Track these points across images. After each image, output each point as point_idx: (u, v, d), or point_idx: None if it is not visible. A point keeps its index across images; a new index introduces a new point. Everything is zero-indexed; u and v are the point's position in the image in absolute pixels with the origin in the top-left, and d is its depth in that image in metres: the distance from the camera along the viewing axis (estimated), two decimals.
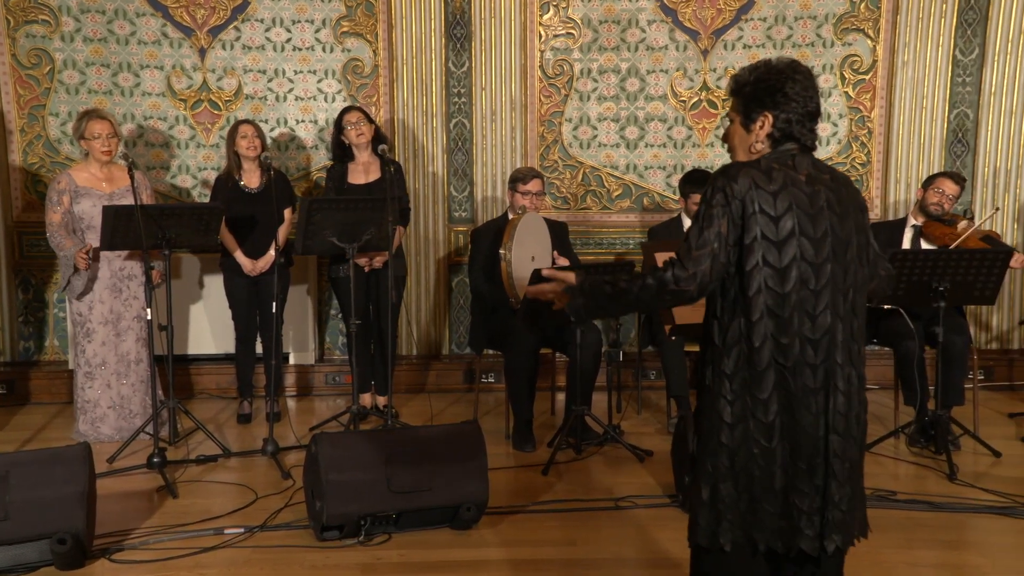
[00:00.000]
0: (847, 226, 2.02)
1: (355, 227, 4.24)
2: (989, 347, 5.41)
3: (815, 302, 1.98)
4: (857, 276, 2.04)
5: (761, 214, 1.95)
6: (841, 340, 1.99)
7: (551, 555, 3.21)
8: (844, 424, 2.00)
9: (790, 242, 1.96)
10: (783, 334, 1.97)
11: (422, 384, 5.49)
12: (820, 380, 1.98)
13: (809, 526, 2.00)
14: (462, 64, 5.46)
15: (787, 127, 2.03)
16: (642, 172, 5.53)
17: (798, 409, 1.98)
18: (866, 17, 5.29)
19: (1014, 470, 3.98)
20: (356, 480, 3.23)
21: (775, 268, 1.96)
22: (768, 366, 1.98)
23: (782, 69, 2.05)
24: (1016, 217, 5.31)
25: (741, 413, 2.00)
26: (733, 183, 1.96)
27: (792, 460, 1.99)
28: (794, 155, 2.04)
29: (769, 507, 2.01)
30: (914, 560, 3.12)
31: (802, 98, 2.03)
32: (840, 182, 2.06)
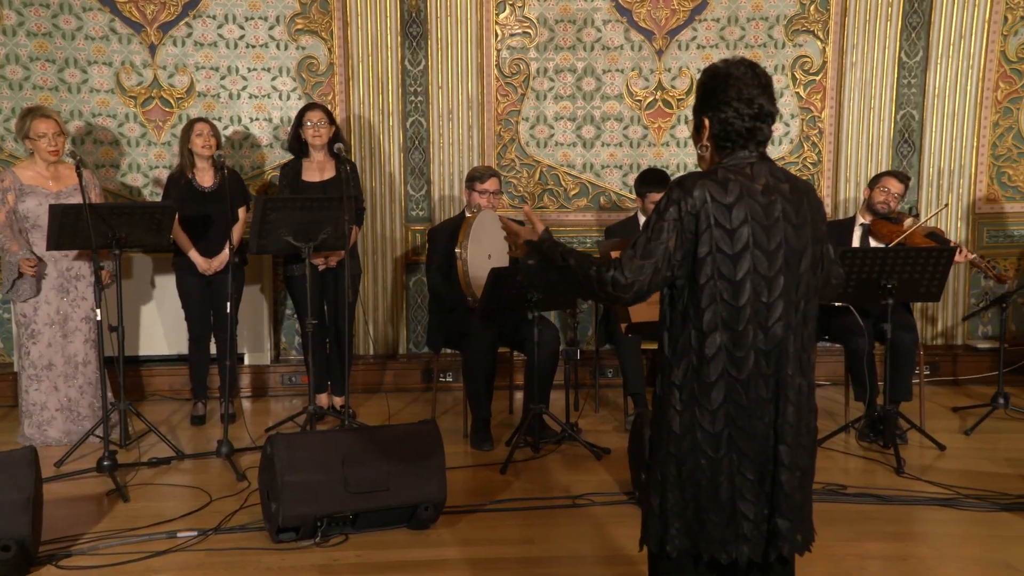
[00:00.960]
0: (803, 237, 2.01)
1: (311, 226, 4.21)
2: (935, 343, 5.54)
3: (767, 314, 1.98)
4: (810, 285, 2.04)
5: (716, 227, 1.94)
6: (792, 351, 2.00)
7: (509, 554, 3.21)
8: (793, 434, 2.01)
9: (744, 255, 1.95)
10: (737, 347, 1.97)
11: (379, 384, 5.47)
12: (771, 391, 1.99)
13: (756, 534, 2.01)
14: (418, 62, 5.44)
15: (726, 129, 2.01)
16: (599, 171, 5.56)
17: (749, 420, 1.99)
18: (816, 19, 5.38)
19: (957, 463, 4.08)
20: (312, 481, 3.20)
21: (729, 281, 1.96)
22: (719, 378, 1.98)
23: (720, 72, 2.03)
24: (960, 215, 5.45)
25: (689, 424, 2.01)
26: (689, 196, 1.95)
27: (739, 470, 2.00)
28: (752, 163, 2.02)
29: (714, 517, 2.01)
30: (863, 552, 3.19)
31: (737, 101, 1.99)
32: (800, 191, 2.05)
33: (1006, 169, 5.43)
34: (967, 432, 4.49)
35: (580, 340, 5.50)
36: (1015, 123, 5.40)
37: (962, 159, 5.41)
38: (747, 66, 2.02)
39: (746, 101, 1.99)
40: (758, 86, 2.01)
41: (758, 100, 2.00)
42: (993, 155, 5.43)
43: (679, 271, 1.98)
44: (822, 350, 5.13)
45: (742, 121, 1.99)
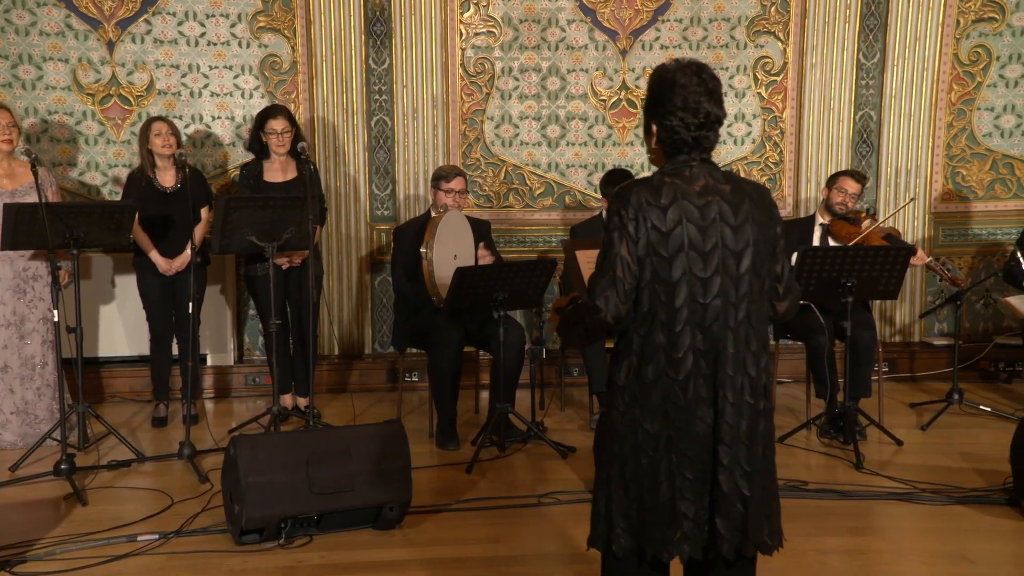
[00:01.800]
0: (742, 238, 2.01)
1: (274, 226, 4.18)
2: (893, 340, 5.64)
3: (704, 315, 1.99)
4: (752, 285, 2.03)
5: (653, 230, 1.97)
6: (732, 352, 2.00)
7: (474, 553, 3.21)
8: (732, 435, 2.01)
9: (679, 257, 1.97)
10: (674, 348, 1.99)
11: (344, 384, 5.44)
12: (710, 391, 2.00)
13: (696, 534, 2.02)
14: (383, 61, 5.42)
15: (672, 136, 2.02)
16: (564, 170, 5.58)
17: (688, 421, 2.00)
18: (776, 20, 5.45)
19: (914, 457, 4.16)
20: (276, 482, 3.18)
21: (666, 283, 1.98)
22: (657, 379, 2.00)
23: (667, 77, 2.02)
24: (916, 214, 5.55)
25: (631, 424, 2.03)
26: (626, 204, 1.98)
27: (679, 470, 2.01)
28: (691, 166, 2.03)
29: (655, 517, 2.03)
30: (823, 547, 3.23)
31: (683, 109, 1.99)
32: (744, 192, 2.04)
33: (960, 169, 5.54)
34: (923, 428, 4.57)
35: (546, 339, 5.51)
36: (968, 124, 5.52)
37: (918, 159, 5.51)
38: (694, 71, 2.02)
39: (692, 110, 2.00)
40: (705, 92, 2.01)
41: (704, 107, 2.01)
42: (948, 155, 5.54)
43: (642, 275, 1.99)
44: (784, 348, 5.20)
45: (688, 131, 2.01)
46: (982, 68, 5.45)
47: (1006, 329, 5.47)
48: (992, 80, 5.45)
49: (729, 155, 5.54)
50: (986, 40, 5.41)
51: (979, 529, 3.38)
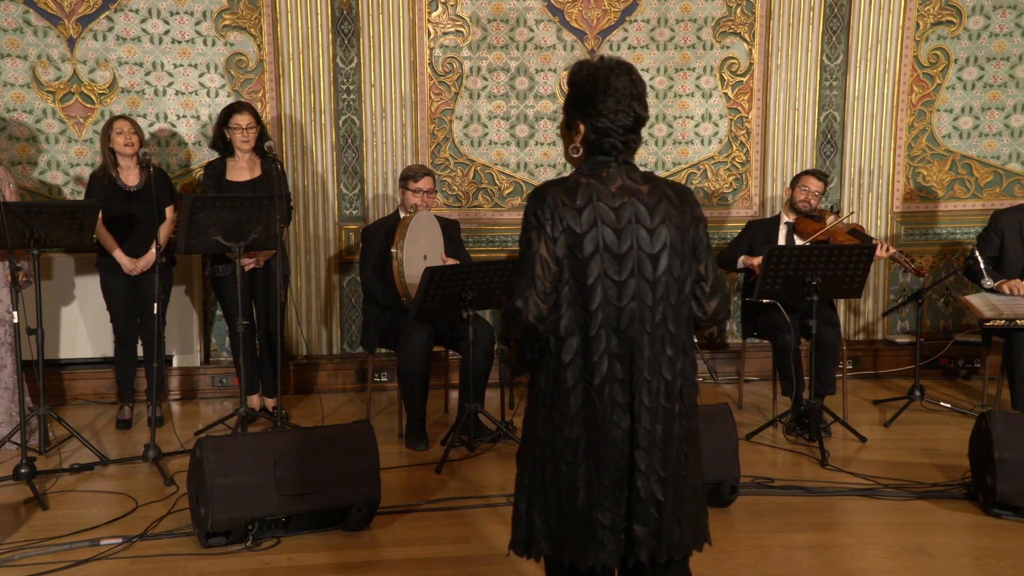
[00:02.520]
0: (658, 240, 1.98)
1: (241, 225, 4.14)
2: (857, 338, 5.72)
3: (620, 318, 1.96)
4: (669, 287, 1.99)
5: (568, 232, 1.94)
6: (648, 355, 1.98)
7: (444, 553, 3.21)
8: (648, 439, 1.98)
9: (594, 259, 1.94)
10: (590, 352, 1.96)
11: (313, 384, 5.41)
12: (626, 396, 1.97)
13: (613, 542, 1.99)
14: (350, 60, 5.39)
15: (596, 138, 1.99)
16: (533, 170, 5.59)
17: (605, 426, 1.97)
18: (742, 21, 5.51)
19: (878, 453, 4.22)
20: (243, 484, 3.16)
21: (582, 285, 1.95)
22: (576, 384, 1.97)
23: (600, 77, 1.98)
24: (879, 214, 5.64)
25: (552, 429, 2.00)
26: (542, 204, 1.95)
27: (597, 477, 1.98)
28: (609, 167, 2.00)
29: (573, 523, 2.00)
30: (789, 543, 3.28)
31: (613, 112, 1.97)
32: (662, 194, 2.01)
33: (921, 169, 5.64)
34: (886, 424, 4.64)
35: None
36: (928, 125, 5.61)
37: (881, 159, 5.60)
38: (626, 72, 1.99)
39: (624, 112, 1.97)
40: (634, 95, 1.98)
41: (635, 111, 1.99)
42: (909, 156, 5.63)
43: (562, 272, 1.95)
44: (751, 346, 5.26)
45: (618, 134, 1.99)
46: (941, 70, 5.55)
47: (966, 327, 5.57)
48: (951, 82, 5.55)
49: (696, 155, 5.58)
50: (944, 43, 5.51)
51: (938, 523, 3.45)
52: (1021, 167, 5.54)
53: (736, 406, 4.97)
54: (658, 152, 5.52)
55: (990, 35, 5.49)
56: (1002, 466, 3.36)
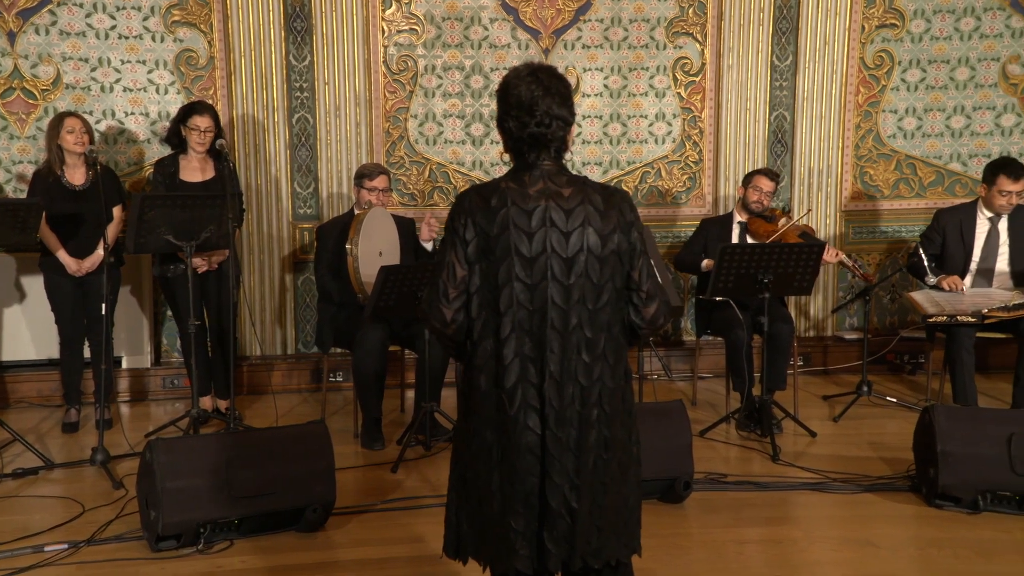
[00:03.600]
0: (574, 244, 1.96)
1: (192, 225, 4.08)
2: (807, 335, 5.83)
3: (531, 321, 1.95)
4: (584, 290, 1.97)
5: (481, 235, 1.95)
6: (561, 359, 1.95)
7: (400, 553, 3.21)
8: (558, 446, 1.96)
9: (505, 262, 1.94)
10: (502, 356, 1.95)
11: (267, 385, 5.34)
12: (538, 400, 1.96)
13: (525, 547, 1.98)
14: (303, 58, 5.34)
15: (509, 136, 2.02)
16: (488, 169, 5.59)
17: (517, 430, 1.95)
18: (694, 22, 5.57)
19: (827, 448, 4.31)
20: (194, 486, 3.12)
21: (494, 288, 1.95)
22: (489, 388, 1.97)
23: (503, 82, 2.03)
24: (828, 213, 5.75)
25: (471, 431, 2.01)
26: (460, 211, 1.98)
27: (510, 482, 1.97)
28: (532, 169, 2.01)
29: (489, 528, 2.00)
30: (741, 538, 3.33)
31: (520, 108, 1.97)
32: (586, 198, 1.99)
33: (868, 169, 5.76)
34: (835, 419, 4.74)
35: None
36: (874, 126, 5.73)
37: (829, 159, 5.70)
38: (529, 71, 2.01)
39: (526, 108, 1.98)
40: (540, 88, 1.98)
41: (539, 105, 1.97)
42: (856, 156, 5.74)
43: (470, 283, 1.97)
44: (704, 343, 5.32)
45: (524, 128, 1.98)
46: (886, 72, 5.67)
47: (911, 323, 5.70)
48: (895, 84, 5.68)
49: (651, 154, 5.63)
50: (888, 45, 5.64)
51: (884, 515, 3.53)
52: (962, 167, 5.69)
53: (690, 403, 5.03)
54: (613, 151, 5.56)
55: (931, 38, 5.63)
56: (944, 458, 3.45)
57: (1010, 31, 5.61)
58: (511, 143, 2.02)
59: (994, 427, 3.48)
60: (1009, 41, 5.61)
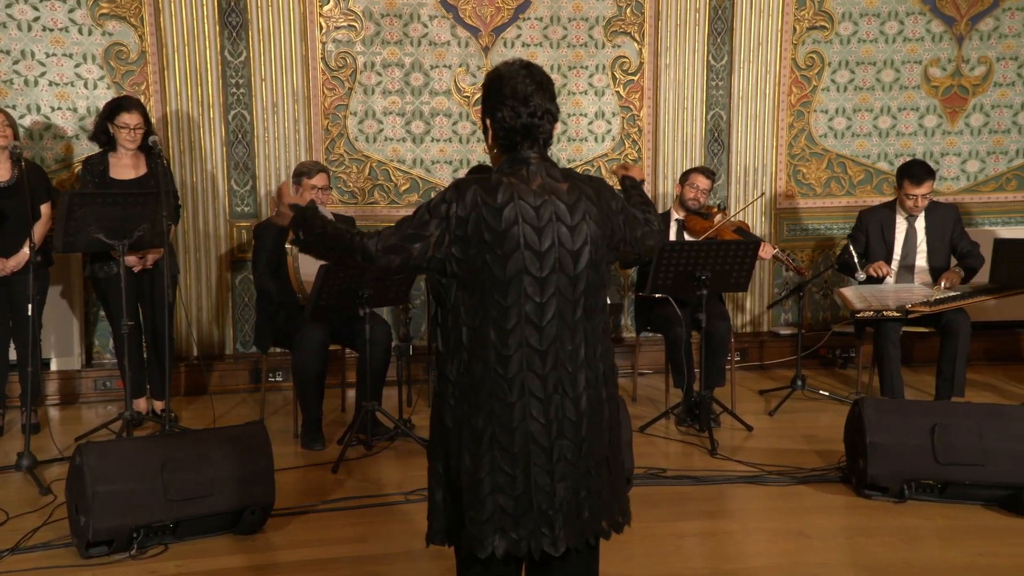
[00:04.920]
0: (579, 236, 2.03)
1: (125, 223, 3.99)
2: (744, 331, 5.94)
3: (541, 314, 2.00)
4: (590, 282, 2.05)
5: (487, 229, 1.97)
6: (571, 348, 2.02)
7: (341, 553, 3.19)
8: (574, 430, 2.03)
9: (515, 255, 1.98)
10: (505, 346, 1.99)
11: (204, 386, 5.25)
12: (550, 389, 2.01)
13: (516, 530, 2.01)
14: (239, 53, 5.25)
15: (504, 128, 2.05)
16: (429, 167, 5.58)
17: (514, 418, 1.99)
18: (632, 21, 5.63)
19: (763, 442, 4.40)
20: (127, 490, 3.06)
21: (500, 281, 1.98)
22: (485, 375, 2.00)
23: (496, 73, 2.08)
24: (763, 210, 5.87)
25: (460, 420, 2.03)
26: (461, 200, 1.99)
27: (501, 467, 2.00)
28: (528, 165, 2.05)
29: (473, 514, 2.02)
30: (680, 531, 3.38)
31: (515, 98, 2.03)
32: (581, 191, 2.07)
33: (800, 168, 5.90)
34: (771, 413, 4.84)
35: (413, 336, 5.50)
36: (806, 125, 5.87)
37: (764, 158, 5.83)
38: (522, 66, 2.08)
39: (521, 99, 2.04)
40: (533, 83, 2.06)
41: (534, 98, 2.05)
42: (790, 154, 5.88)
43: (437, 266, 2.02)
44: (644, 340, 5.39)
45: (518, 118, 2.04)
46: (816, 72, 5.81)
47: (843, 319, 5.86)
48: (825, 84, 5.83)
49: (591, 152, 5.68)
50: (819, 47, 5.78)
51: (816, 506, 3.62)
52: (889, 166, 5.86)
53: (631, 399, 5.09)
54: (553, 149, 5.56)
55: (859, 41, 5.79)
56: (872, 449, 3.56)
57: (931, 35, 5.80)
58: (502, 134, 2.06)
59: (919, 418, 3.59)
60: (930, 45, 5.81)
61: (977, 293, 4.64)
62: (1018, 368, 5.70)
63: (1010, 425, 3.54)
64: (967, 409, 3.76)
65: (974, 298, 4.62)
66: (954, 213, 4.98)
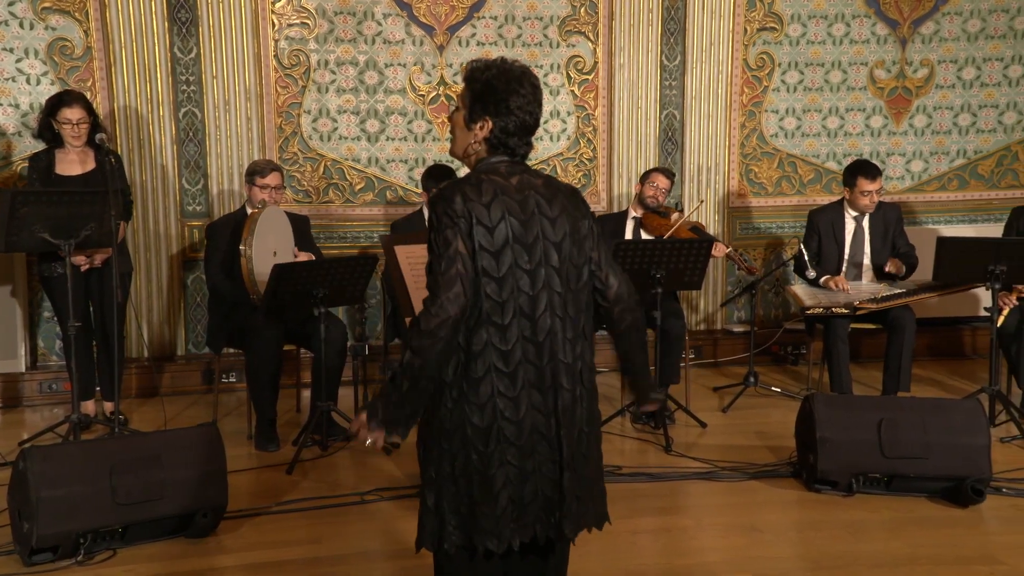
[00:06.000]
0: (559, 229, 2.08)
1: (71, 222, 3.91)
2: (698, 328, 6.01)
3: (533, 306, 2.04)
4: (570, 275, 2.09)
5: (478, 225, 1.99)
6: (563, 339, 2.06)
7: (295, 555, 3.16)
8: (569, 420, 2.07)
9: (506, 250, 2.01)
10: (503, 341, 2.02)
11: (155, 388, 5.16)
12: (548, 380, 2.05)
13: (527, 520, 2.06)
14: (189, 50, 5.17)
15: (503, 137, 2.08)
16: (384, 165, 5.55)
17: (519, 410, 2.03)
18: (586, 21, 5.66)
19: (716, 438, 4.45)
20: (74, 495, 2.99)
21: (493, 277, 2.01)
22: (486, 373, 2.02)
23: (513, 77, 2.08)
24: (715, 209, 5.95)
25: (460, 420, 2.04)
26: (451, 204, 1.99)
27: (509, 461, 2.04)
28: (504, 163, 2.09)
29: (487, 509, 2.05)
30: (635, 528, 3.41)
31: (523, 111, 2.07)
32: (556, 187, 2.12)
33: (752, 167, 5.98)
34: (724, 410, 4.90)
35: (369, 335, 5.47)
36: (758, 125, 5.96)
37: (717, 157, 5.90)
38: (532, 80, 2.10)
39: (528, 112, 2.08)
40: (537, 99, 2.11)
41: (536, 114, 2.11)
42: (742, 154, 5.96)
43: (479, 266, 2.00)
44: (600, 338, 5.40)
45: (521, 135, 2.10)
46: (767, 73, 5.90)
47: (793, 316, 5.96)
48: (776, 85, 5.91)
49: (546, 151, 5.70)
50: (769, 48, 5.87)
51: (768, 501, 3.68)
52: (837, 166, 5.97)
53: None
54: None
55: (807, 42, 5.89)
56: (822, 444, 3.62)
57: (876, 37, 5.92)
58: (498, 139, 2.08)
59: (866, 413, 3.66)
60: (875, 47, 5.93)
61: (921, 291, 4.75)
62: (960, 363, 5.86)
63: (952, 419, 3.63)
64: (912, 404, 3.85)
65: (918, 295, 4.73)
66: (897, 213, 5.10)
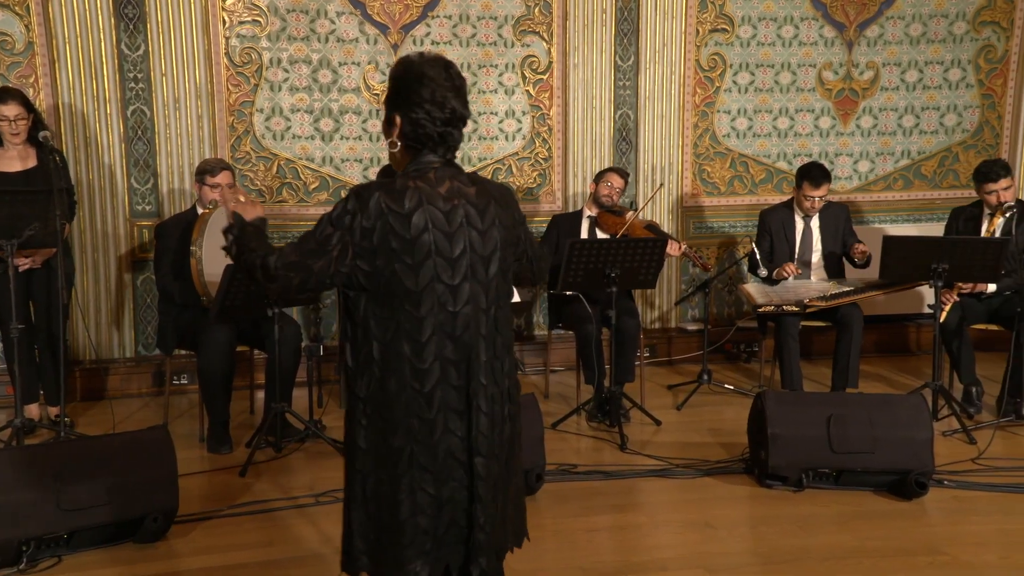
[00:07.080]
0: (489, 242, 1.96)
1: (13, 221, 3.81)
2: (653, 327, 6.06)
3: (454, 323, 1.91)
4: (499, 290, 1.99)
5: (395, 237, 1.87)
6: (484, 360, 1.95)
7: (247, 558, 3.12)
8: (487, 445, 1.95)
9: (426, 264, 1.89)
10: (420, 359, 1.90)
11: (103, 390, 5.06)
12: (463, 402, 1.93)
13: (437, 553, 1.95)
14: (137, 47, 5.07)
15: (415, 131, 1.95)
16: (339, 165, 5.50)
17: (434, 434, 1.92)
18: (540, 21, 5.67)
19: (671, 436, 4.50)
20: (15, 502, 2.93)
21: (411, 291, 1.88)
22: (401, 391, 1.90)
23: (416, 69, 1.95)
24: (669, 208, 6.00)
25: (374, 439, 1.93)
26: (365, 210, 1.87)
27: (422, 487, 1.92)
28: (435, 168, 1.96)
29: (392, 538, 1.92)
30: (590, 526, 3.43)
31: (432, 101, 1.92)
32: (489, 194, 2.00)
33: (705, 167, 6.05)
34: (678, 407, 4.95)
35: (324, 336, 5.42)
36: (710, 125, 6.03)
37: (671, 157, 5.95)
38: (442, 66, 1.97)
39: (439, 104, 1.93)
40: (452, 88, 1.95)
41: (451, 103, 1.94)
42: (695, 154, 6.02)
43: (342, 280, 1.91)
44: (555, 337, 5.45)
45: (433, 125, 1.94)
46: (719, 74, 5.97)
47: (746, 314, 6.04)
48: (728, 85, 5.99)
49: (501, 150, 5.70)
50: (721, 49, 5.94)
51: (721, 497, 3.73)
52: (788, 166, 6.07)
53: (543, 396, 5.13)
54: (464, 147, 5.59)
55: (758, 44, 5.97)
56: (773, 440, 3.68)
57: (823, 40, 6.03)
58: (413, 136, 1.95)
59: (816, 410, 3.73)
60: (823, 49, 6.04)
61: (868, 288, 4.86)
62: (906, 359, 6.00)
63: (897, 414, 3.72)
64: (860, 400, 3.93)
65: (866, 293, 4.83)
66: (845, 212, 5.21)
